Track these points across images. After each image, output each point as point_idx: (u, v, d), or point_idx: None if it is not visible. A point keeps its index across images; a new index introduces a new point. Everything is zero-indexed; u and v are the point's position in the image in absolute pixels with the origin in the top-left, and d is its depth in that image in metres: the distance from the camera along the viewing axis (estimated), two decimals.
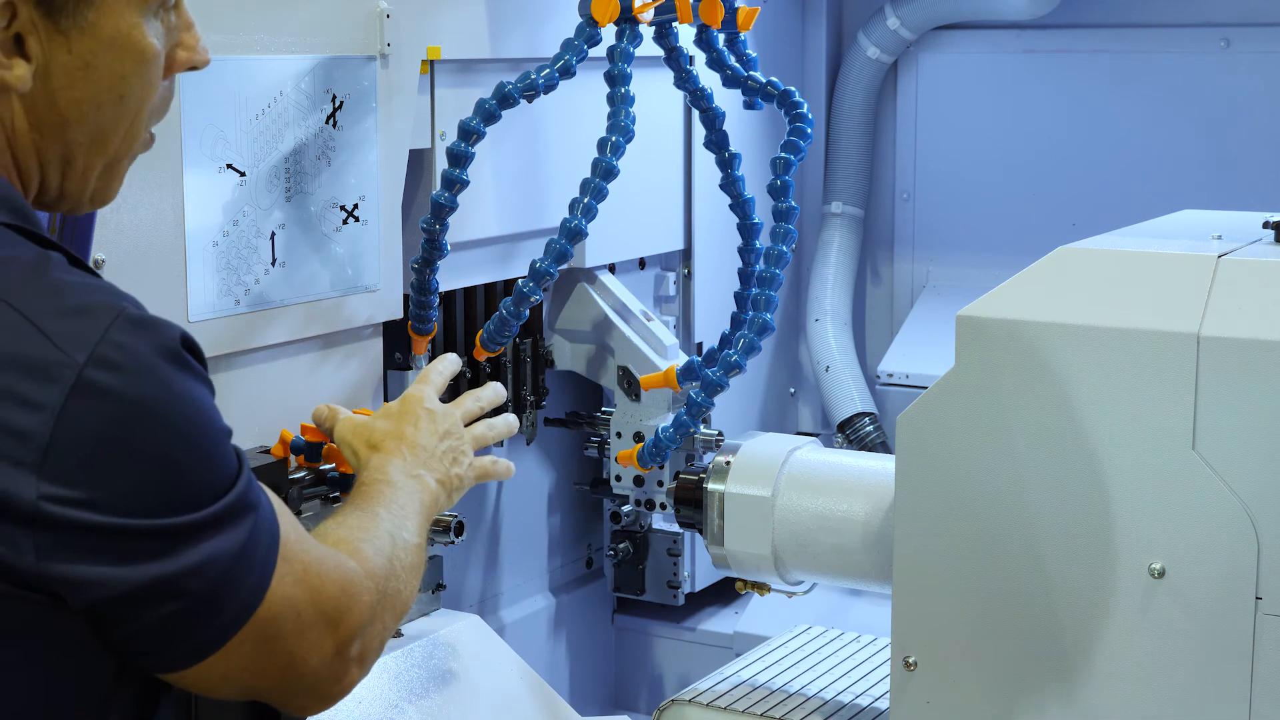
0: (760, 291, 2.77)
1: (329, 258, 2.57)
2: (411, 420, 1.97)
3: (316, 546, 1.46)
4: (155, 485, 1.29)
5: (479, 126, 2.63)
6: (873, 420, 3.73)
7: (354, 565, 1.51)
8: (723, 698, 2.49)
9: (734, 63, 2.84)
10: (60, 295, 1.29)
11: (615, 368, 3.12)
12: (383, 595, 1.53)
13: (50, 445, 1.24)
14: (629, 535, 3.44)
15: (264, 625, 1.37)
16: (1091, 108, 3.69)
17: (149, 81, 1.44)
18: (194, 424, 1.32)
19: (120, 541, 1.28)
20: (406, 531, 1.69)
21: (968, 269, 3.83)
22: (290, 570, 1.39)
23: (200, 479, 1.32)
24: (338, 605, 1.45)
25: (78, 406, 1.25)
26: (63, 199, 1.47)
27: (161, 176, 2.28)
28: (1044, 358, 2.00)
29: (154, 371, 1.29)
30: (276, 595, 1.37)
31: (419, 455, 1.91)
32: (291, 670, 1.42)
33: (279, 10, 2.44)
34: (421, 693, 2.47)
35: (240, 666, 1.37)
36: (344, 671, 1.47)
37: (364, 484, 1.81)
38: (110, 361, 1.26)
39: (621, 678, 3.65)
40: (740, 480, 2.46)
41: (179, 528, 1.30)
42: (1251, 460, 1.90)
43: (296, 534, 1.43)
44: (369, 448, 1.92)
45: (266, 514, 1.39)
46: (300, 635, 1.41)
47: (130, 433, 1.27)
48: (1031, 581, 2.04)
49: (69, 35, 1.38)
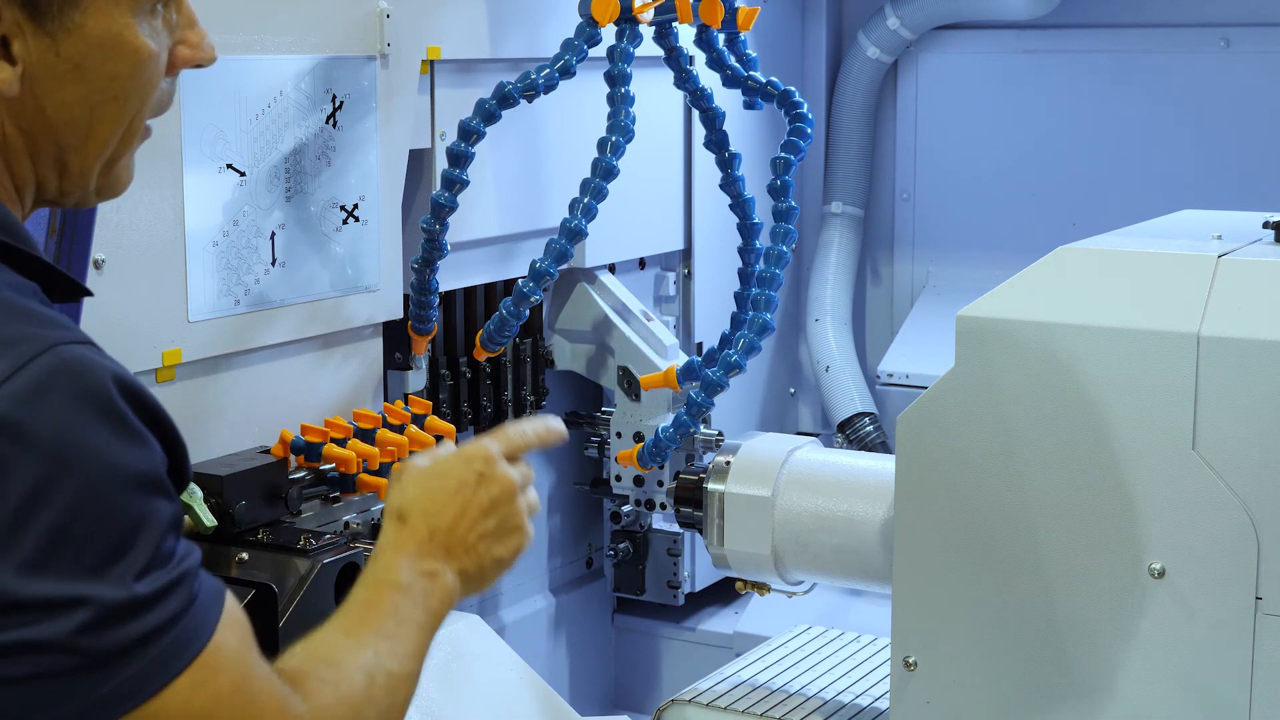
0: (760, 291, 2.77)
1: (329, 258, 2.57)
2: (452, 492, 1.57)
3: (262, 676, 1.32)
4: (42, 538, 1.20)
5: (479, 126, 2.63)
6: (873, 420, 3.73)
7: (300, 708, 1.34)
8: (723, 698, 2.49)
9: (734, 63, 2.84)
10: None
11: (615, 368, 3.12)
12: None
13: None
14: (629, 535, 3.44)
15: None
16: (1091, 108, 3.69)
17: (147, 81, 1.41)
18: (98, 484, 1.21)
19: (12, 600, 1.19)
20: (394, 662, 1.46)
21: (968, 269, 3.83)
22: (210, 682, 1.27)
23: (89, 545, 1.21)
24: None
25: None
26: (65, 196, 1.45)
27: (161, 176, 2.28)
28: (1044, 358, 2.00)
29: (64, 417, 1.21)
30: (178, 699, 1.25)
31: (444, 542, 1.56)
32: None
33: (279, 10, 2.44)
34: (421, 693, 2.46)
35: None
36: None
37: (365, 582, 1.53)
38: (18, 396, 1.20)
39: (621, 678, 3.65)
40: (740, 480, 2.46)
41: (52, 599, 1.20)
42: (1251, 460, 1.90)
43: (240, 654, 1.30)
44: (396, 517, 1.57)
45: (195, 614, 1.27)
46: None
47: (26, 474, 1.19)
48: (1031, 581, 2.04)
49: (56, 37, 1.35)
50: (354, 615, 1.49)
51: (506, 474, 1.59)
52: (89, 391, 1.22)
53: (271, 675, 1.34)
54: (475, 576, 1.58)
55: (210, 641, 1.28)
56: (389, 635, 1.47)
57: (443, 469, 1.59)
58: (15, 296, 1.27)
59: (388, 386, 2.80)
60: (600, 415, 3.21)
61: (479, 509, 1.57)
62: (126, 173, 1.47)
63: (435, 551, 1.55)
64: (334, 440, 2.47)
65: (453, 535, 1.56)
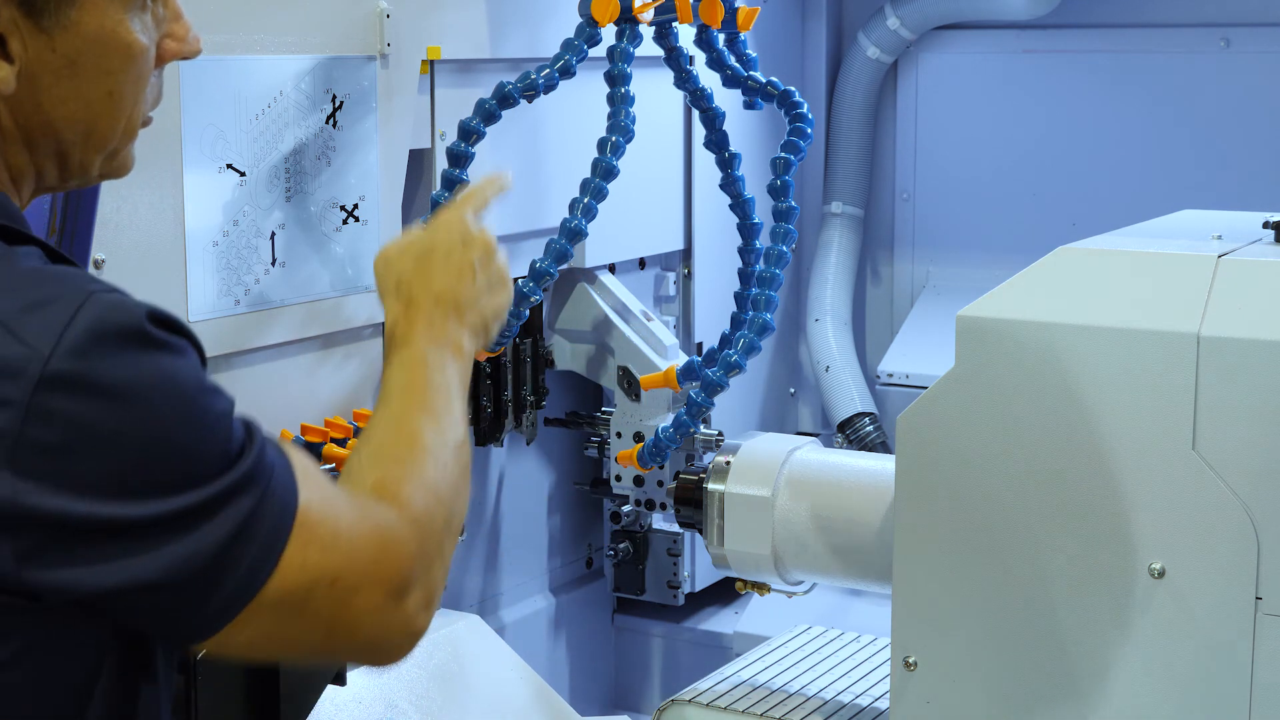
0: (760, 291, 2.77)
1: (329, 258, 2.57)
2: (442, 258, 1.69)
3: (348, 507, 1.40)
4: (131, 473, 1.25)
5: (479, 126, 2.63)
6: (873, 420, 3.73)
7: (391, 515, 1.43)
8: (723, 698, 2.49)
9: (734, 63, 2.84)
10: (24, 289, 1.26)
11: (615, 368, 3.12)
12: (428, 532, 1.45)
13: (20, 439, 1.22)
14: (629, 535, 3.44)
15: (280, 598, 1.33)
16: (1091, 108, 3.69)
17: (139, 75, 1.43)
18: (170, 405, 1.27)
19: (99, 537, 1.25)
20: (445, 434, 1.55)
21: (968, 269, 3.83)
22: (315, 537, 1.34)
23: (182, 463, 1.28)
24: (381, 565, 1.39)
25: (46, 399, 1.22)
26: (66, 183, 1.46)
27: (161, 176, 2.28)
28: (1044, 358, 2.00)
29: (121, 356, 1.25)
30: (293, 567, 1.33)
31: (450, 308, 1.67)
32: (338, 635, 1.38)
33: (279, 10, 2.44)
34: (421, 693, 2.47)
35: (265, 636, 1.34)
36: (409, 623, 1.42)
37: (394, 368, 1.62)
38: (76, 350, 1.23)
39: (621, 678, 3.65)
40: (740, 480, 2.46)
41: (160, 517, 1.26)
42: (1251, 460, 1.90)
43: (323, 498, 1.37)
44: (398, 299, 1.67)
45: (278, 485, 1.33)
46: (341, 602, 1.36)
47: (102, 421, 1.24)
48: (1031, 581, 2.04)
49: (52, 34, 1.36)
50: (398, 403, 1.57)
51: (484, 232, 1.74)
52: (132, 329, 1.26)
53: (357, 501, 1.41)
54: (481, 331, 1.70)
55: (299, 501, 1.34)
56: (436, 411, 1.56)
57: (427, 242, 1.71)
58: (34, 263, 1.31)
59: None
60: (600, 415, 3.21)
61: (470, 269, 1.69)
62: (129, 159, 1.49)
63: (446, 319, 1.66)
64: (334, 440, 2.47)
65: (456, 299, 1.67)
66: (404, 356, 1.63)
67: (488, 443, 3.13)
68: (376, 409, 1.59)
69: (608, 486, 3.21)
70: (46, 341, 1.23)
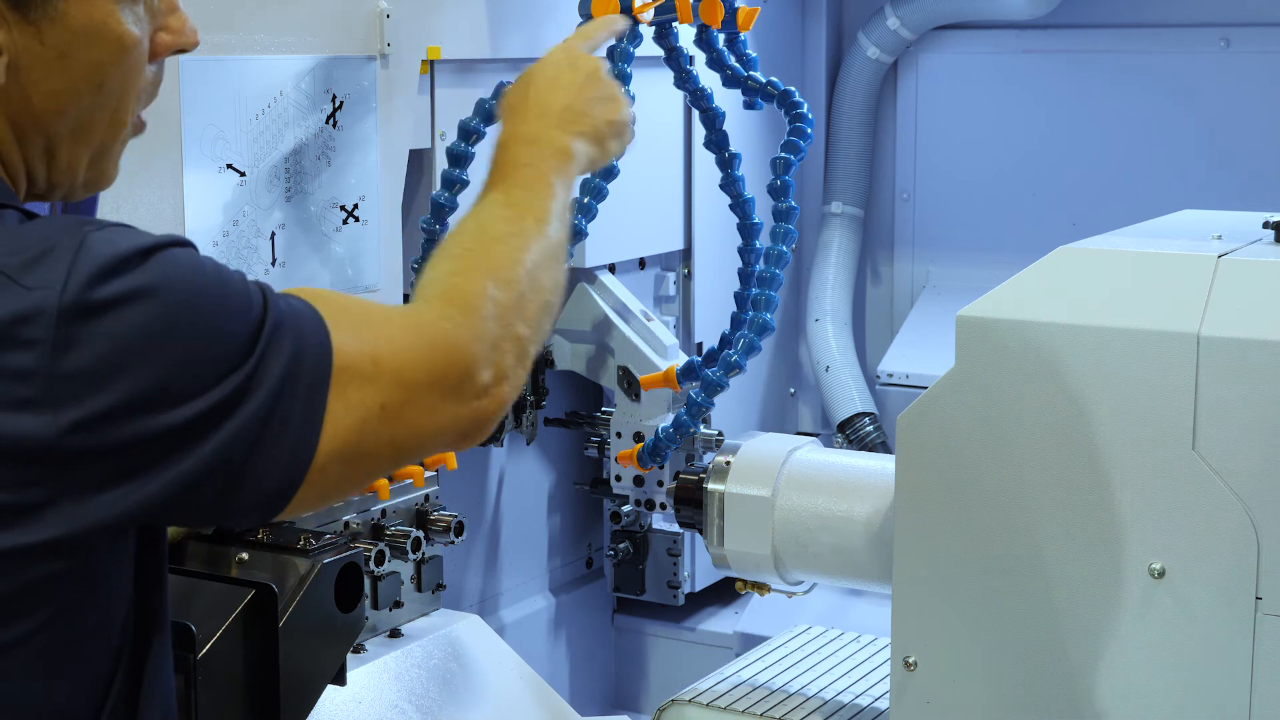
0: (760, 291, 2.77)
1: (329, 258, 2.57)
2: (546, 74, 1.82)
3: (385, 322, 1.41)
4: (169, 378, 1.27)
5: (479, 126, 2.63)
6: (873, 420, 3.73)
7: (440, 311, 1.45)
8: (723, 698, 2.49)
9: (734, 63, 2.84)
10: (22, 246, 1.27)
11: (615, 368, 3.12)
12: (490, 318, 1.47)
13: (52, 374, 1.23)
14: (629, 535, 3.44)
15: (340, 445, 1.35)
16: (1091, 108, 3.68)
17: (130, 68, 1.42)
18: (188, 296, 1.29)
19: (149, 449, 1.26)
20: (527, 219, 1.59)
21: (968, 269, 3.83)
22: (355, 374, 1.36)
23: (213, 353, 1.29)
24: (432, 366, 1.41)
25: (70, 329, 1.24)
26: (54, 189, 1.46)
27: (161, 176, 2.28)
28: (1044, 358, 2.00)
29: (129, 273, 1.27)
30: (339, 414, 1.35)
31: (547, 117, 1.76)
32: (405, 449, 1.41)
33: (279, 10, 2.44)
34: (421, 693, 2.47)
35: (340, 480, 1.38)
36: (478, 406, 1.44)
37: (492, 168, 1.71)
38: (86, 282, 1.25)
39: (621, 678, 3.65)
40: (740, 480, 2.46)
41: (204, 413, 1.28)
42: (1251, 460, 1.90)
43: (354, 329, 1.38)
44: (508, 114, 1.79)
45: (307, 337, 1.35)
46: (397, 420, 1.38)
47: (128, 332, 1.26)
48: (1031, 581, 2.04)
49: (40, 26, 1.36)
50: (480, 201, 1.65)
51: (591, 56, 1.88)
52: (134, 251, 1.28)
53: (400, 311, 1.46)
54: (594, 138, 1.80)
55: (332, 344, 1.36)
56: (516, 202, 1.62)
57: (534, 71, 1.85)
58: (22, 221, 1.33)
59: None
60: (600, 415, 3.21)
61: (577, 84, 1.81)
62: (113, 166, 1.49)
63: (546, 125, 1.75)
64: None
65: (563, 108, 1.77)
66: (498, 159, 1.71)
67: (488, 443, 3.13)
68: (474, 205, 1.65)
69: (608, 486, 3.21)
70: (56, 282, 1.25)
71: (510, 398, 1.48)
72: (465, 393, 1.43)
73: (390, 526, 2.53)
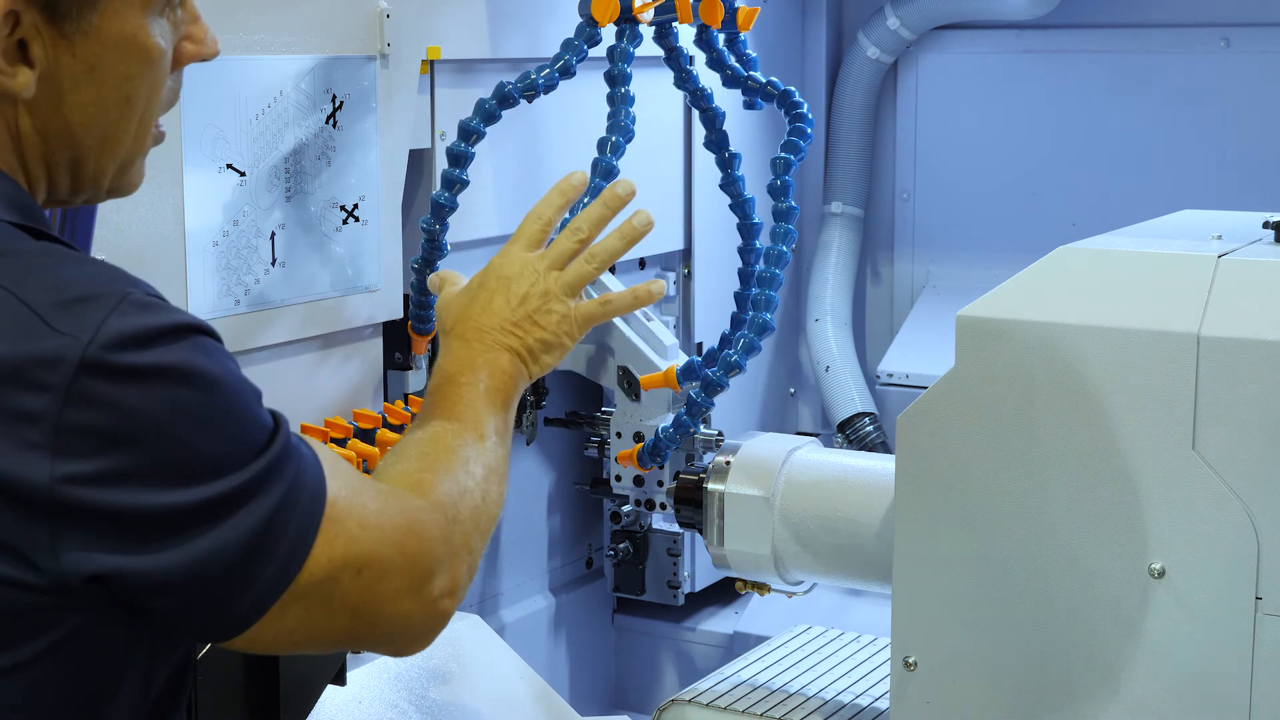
0: (760, 291, 2.77)
1: (329, 258, 2.57)
2: (482, 296, 1.87)
3: (374, 496, 1.43)
4: (168, 460, 1.27)
5: (479, 126, 2.63)
6: (873, 420, 3.73)
7: (417, 503, 1.48)
8: (723, 698, 2.49)
9: (734, 63, 2.84)
10: (62, 285, 1.28)
11: (615, 368, 3.12)
12: (454, 522, 1.50)
13: (59, 424, 1.23)
14: (629, 535, 3.44)
15: (310, 589, 1.35)
16: (1091, 108, 3.68)
17: (156, 80, 1.43)
18: (205, 391, 1.29)
19: (135, 523, 1.26)
20: (472, 436, 1.66)
21: (968, 269, 3.83)
22: (343, 530, 1.37)
23: (216, 449, 1.29)
24: (406, 551, 1.42)
25: (85, 384, 1.24)
26: (76, 196, 1.46)
27: (161, 176, 2.28)
28: (1044, 358, 2.00)
29: (156, 349, 1.27)
30: (321, 559, 1.35)
31: (484, 339, 1.83)
32: (362, 622, 1.41)
33: (279, 10, 2.44)
34: (421, 693, 2.47)
35: (292, 629, 1.36)
36: (432, 610, 1.46)
37: (429, 390, 1.78)
38: (113, 342, 1.25)
39: (621, 678, 3.65)
40: (740, 480, 2.46)
41: (196, 504, 1.27)
42: (1251, 460, 1.90)
43: (350, 489, 1.40)
44: (447, 335, 1.86)
45: (307, 475, 1.35)
46: (366, 589, 1.39)
47: (139, 406, 1.26)
48: (1031, 582, 2.04)
49: (73, 40, 1.36)
50: (427, 415, 1.70)
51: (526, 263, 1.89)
52: (167, 327, 1.29)
53: (384, 490, 1.47)
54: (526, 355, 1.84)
55: (328, 492, 1.37)
56: (463, 419, 1.69)
57: (477, 283, 1.91)
58: (70, 260, 1.32)
59: (388, 386, 2.80)
60: (600, 415, 3.20)
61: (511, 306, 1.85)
62: (139, 174, 1.49)
63: (483, 343, 1.81)
64: (334, 440, 2.47)
65: (498, 329, 1.83)
66: (438, 379, 1.78)
67: None
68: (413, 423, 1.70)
69: (608, 486, 3.20)
70: (85, 333, 1.25)
71: (450, 614, 1.49)
72: (424, 591, 1.45)
73: None
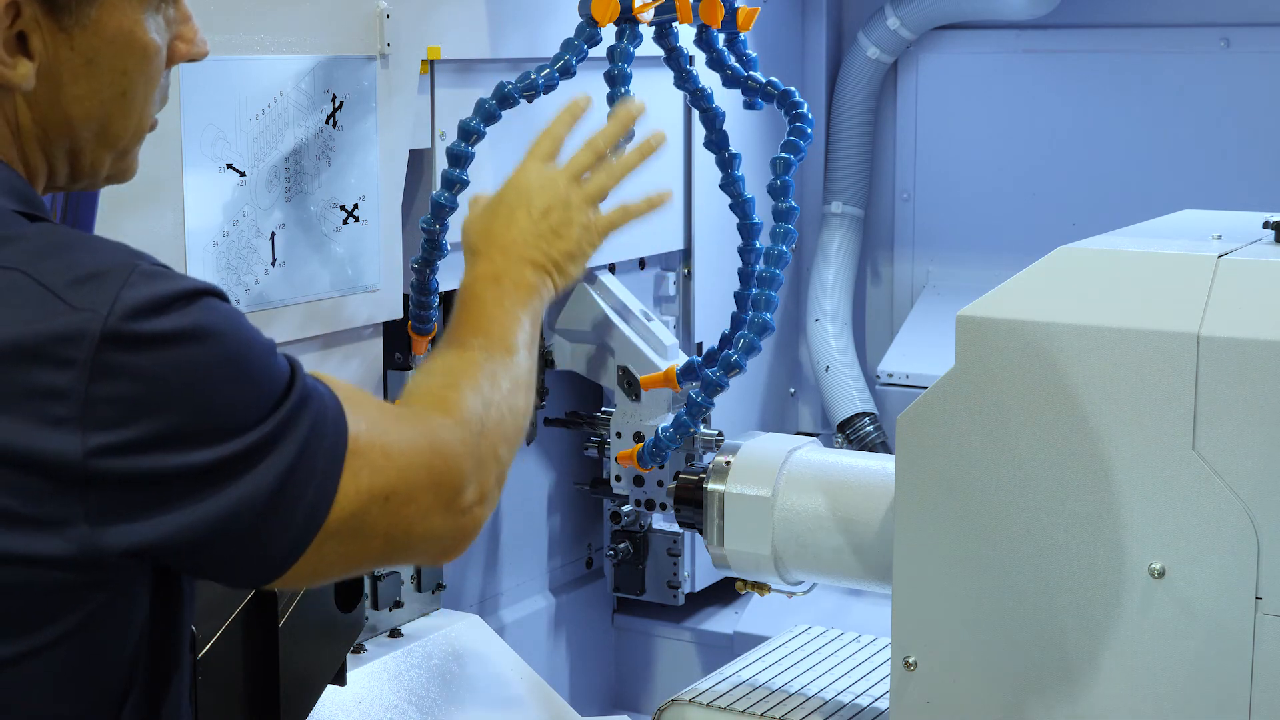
0: (760, 291, 2.77)
1: (329, 258, 2.57)
2: (503, 211, 1.91)
3: (395, 423, 1.46)
4: (195, 421, 1.29)
5: (479, 126, 2.63)
6: (873, 420, 3.73)
7: (439, 421, 1.51)
8: (723, 698, 2.49)
9: (734, 63, 2.84)
10: (74, 263, 1.30)
11: (615, 368, 3.12)
12: (480, 435, 1.55)
13: (87, 397, 1.25)
14: (629, 535, 3.44)
15: (341, 525, 1.38)
16: (1091, 108, 3.69)
17: (151, 76, 1.46)
18: (224, 347, 1.32)
19: (168, 486, 1.29)
20: (498, 350, 1.69)
21: (968, 269, 3.83)
22: (367, 462, 1.40)
23: (240, 404, 1.32)
24: (432, 471, 1.46)
25: (108, 355, 1.26)
26: (75, 183, 1.50)
27: (161, 176, 2.28)
28: (1044, 358, 2.00)
29: (171, 314, 1.30)
30: (349, 494, 1.38)
31: (509, 253, 1.86)
32: (395, 545, 1.45)
33: (279, 10, 2.44)
34: (421, 693, 2.47)
35: (330, 562, 1.40)
36: (461, 522, 1.50)
37: (455, 308, 1.80)
38: (130, 313, 1.27)
39: (621, 678, 3.65)
40: (740, 480, 2.46)
41: (225, 459, 1.30)
42: (1251, 460, 1.90)
43: (369, 420, 1.43)
44: (468, 253, 1.89)
45: (328, 415, 1.39)
46: (395, 514, 1.43)
47: (163, 371, 1.28)
48: (1031, 582, 2.04)
49: (72, 33, 1.39)
50: (452, 332, 1.73)
51: (548, 179, 1.94)
52: (179, 293, 1.31)
53: (406, 413, 1.50)
54: (550, 267, 1.86)
55: (349, 429, 1.40)
56: (488, 333, 1.72)
57: (497, 199, 1.93)
58: (74, 239, 1.35)
59: (388, 386, 2.80)
60: (600, 415, 3.21)
61: (533, 219, 1.88)
62: (134, 163, 1.52)
63: (506, 260, 1.84)
64: None
65: (521, 243, 1.86)
66: (463, 296, 1.80)
67: None
68: (437, 346, 1.73)
69: (608, 486, 3.21)
70: (102, 306, 1.27)
71: (484, 520, 1.55)
72: (454, 505, 1.49)
73: None
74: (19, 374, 1.25)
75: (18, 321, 1.26)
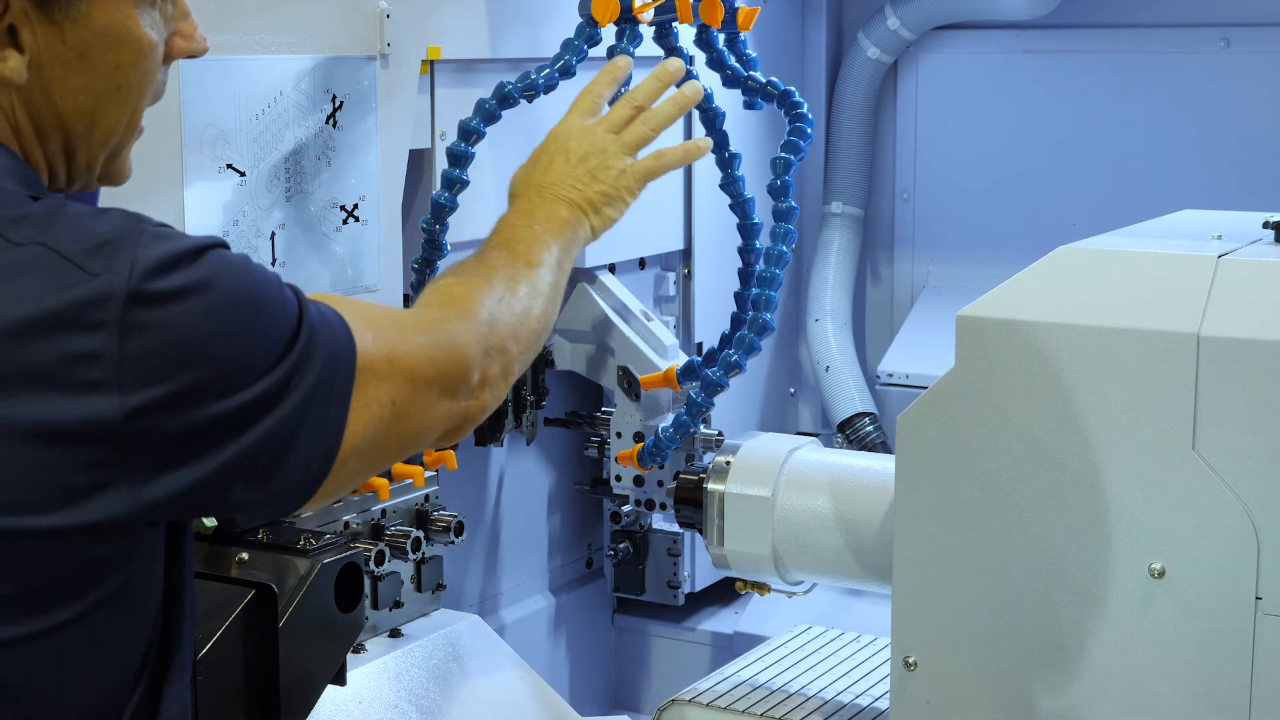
0: (760, 291, 2.76)
1: (329, 258, 2.57)
2: (543, 159, 2.02)
3: (400, 328, 1.52)
4: (228, 367, 1.33)
5: (479, 126, 2.63)
6: (873, 420, 3.73)
7: (442, 314, 1.58)
8: (723, 698, 2.49)
9: (734, 63, 2.84)
10: (87, 232, 1.32)
11: (615, 368, 3.12)
12: (489, 325, 1.61)
13: (122, 354, 1.28)
14: (629, 535, 3.44)
15: (358, 439, 1.44)
16: (1091, 108, 3.69)
17: (147, 71, 1.47)
18: (247, 292, 1.36)
19: (205, 435, 1.32)
20: (521, 262, 1.76)
21: (968, 269, 3.83)
22: (374, 375, 1.45)
23: (264, 344, 1.36)
24: (436, 364, 1.52)
25: (138, 312, 1.29)
26: (71, 184, 1.51)
27: (161, 176, 2.28)
28: (1044, 358, 2.00)
29: (187, 269, 1.33)
30: (361, 409, 1.43)
31: (544, 193, 1.96)
32: (409, 442, 1.51)
33: (279, 10, 2.44)
34: (421, 693, 2.47)
35: (354, 472, 1.46)
36: (467, 407, 1.58)
37: (491, 235, 1.87)
38: (149, 272, 1.30)
39: (621, 678, 3.65)
40: (740, 480, 2.46)
41: (255, 399, 1.35)
42: (1251, 460, 1.90)
43: (374, 330, 1.47)
44: (510, 199, 1.98)
45: (338, 338, 1.43)
46: (406, 414, 1.48)
47: (191, 322, 1.31)
48: (1031, 582, 2.04)
49: (62, 26, 1.40)
50: (482, 248, 1.81)
51: (586, 129, 2.07)
52: (188, 248, 1.34)
53: (409, 314, 1.58)
54: (586, 207, 1.98)
55: (356, 346, 1.45)
56: (514, 249, 1.79)
57: (538, 150, 2.05)
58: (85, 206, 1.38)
59: None
60: (600, 415, 3.21)
61: (571, 164, 2.00)
62: (128, 165, 1.54)
63: (538, 199, 1.94)
64: None
65: (557, 184, 1.97)
66: (496, 229, 1.87)
67: (488, 443, 3.13)
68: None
69: (608, 486, 3.21)
70: (122, 268, 1.30)
71: (491, 406, 1.60)
72: (459, 391, 1.55)
73: (390, 526, 2.53)
74: (51, 344, 1.28)
75: (46, 293, 1.28)
